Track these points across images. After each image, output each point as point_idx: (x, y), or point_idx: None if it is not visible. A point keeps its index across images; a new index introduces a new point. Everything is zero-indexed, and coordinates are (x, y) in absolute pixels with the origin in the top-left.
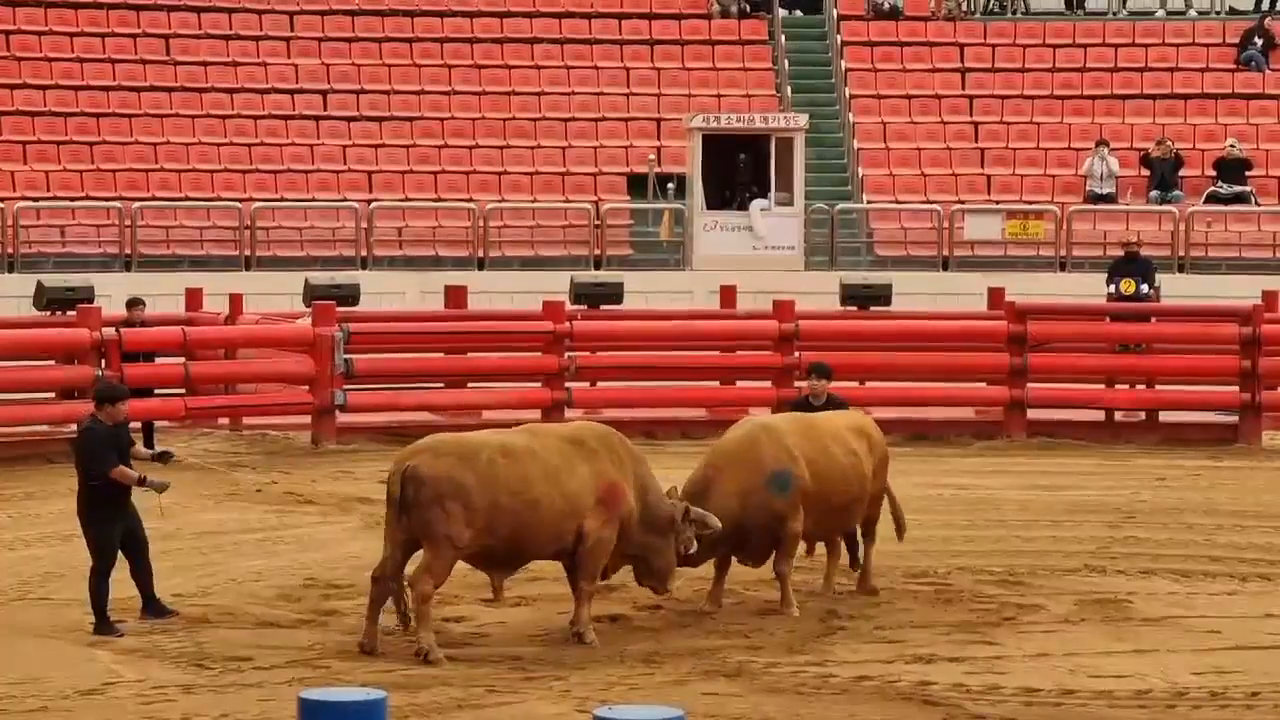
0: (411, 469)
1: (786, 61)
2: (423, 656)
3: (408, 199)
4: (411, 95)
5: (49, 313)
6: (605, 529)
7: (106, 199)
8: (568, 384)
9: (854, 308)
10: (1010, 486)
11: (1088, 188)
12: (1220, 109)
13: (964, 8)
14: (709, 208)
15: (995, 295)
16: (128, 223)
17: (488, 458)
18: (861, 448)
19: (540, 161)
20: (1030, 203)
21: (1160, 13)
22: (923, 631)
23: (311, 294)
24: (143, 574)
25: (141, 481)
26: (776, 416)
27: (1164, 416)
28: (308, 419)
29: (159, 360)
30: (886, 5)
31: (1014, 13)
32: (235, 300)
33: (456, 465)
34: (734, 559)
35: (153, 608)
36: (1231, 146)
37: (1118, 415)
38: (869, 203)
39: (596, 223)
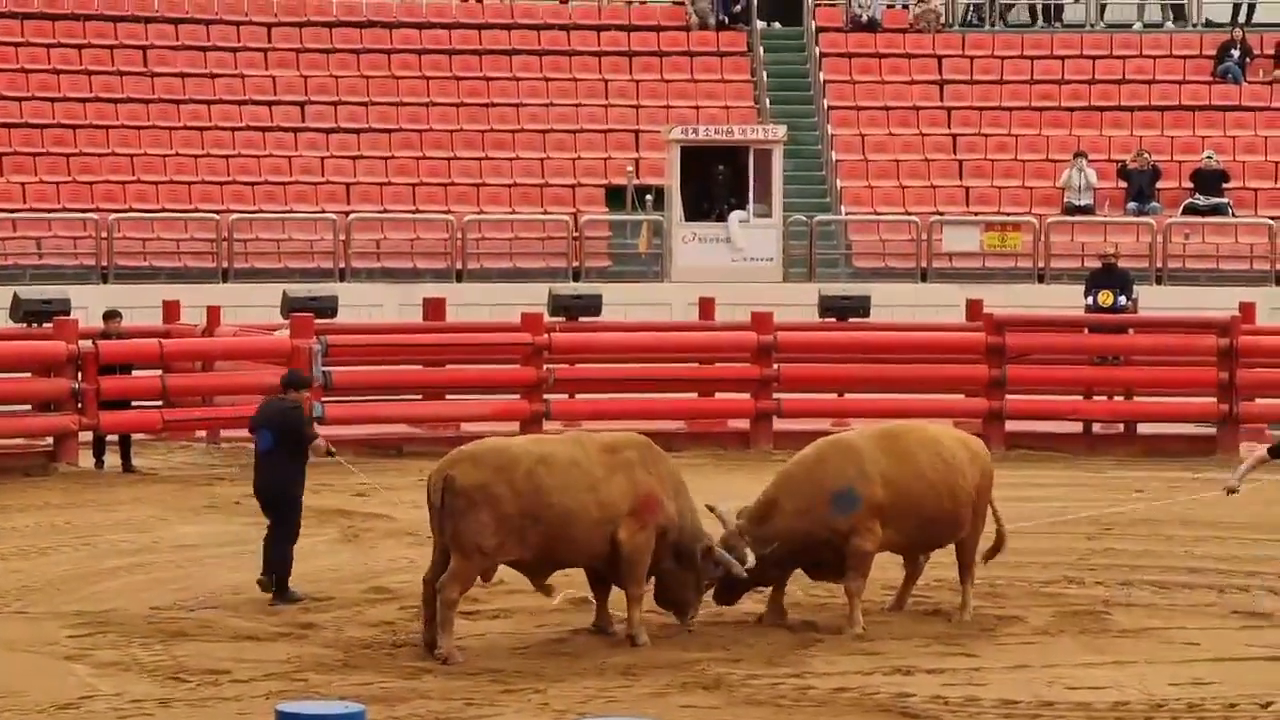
0: (450, 478)
1: (765, 73)
2: (443, 660)
3: (386, 211)
4: (389, 107)
5: (25, 325)
6: (640, 535)
7: (83, 211)
8: (546, 396)
9: (832, 319)
10: None
11: (1065, 199)
12: (1198, 121)
13: (942, 20)
14: (687, 219)
15: (973, 307)
16: (104, 235)
17: (527, 469)
18: (961, 458)
19: (518, 173)
20: (1008, 214)
21: (1138, 25)
22: (901, 643)
23: (289, 306)
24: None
25: (329, 454)
26: (853, 432)
27: (1142, 428)
28: None
29: (136, 373)
30: (865, 17)
31: (992, 25)
32: (213, 312)
33: (493, 475)
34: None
35: (287, 593)
36: (1209, 158)
37: (1096, 427)
38: (847, 214)
39: (575, 235)
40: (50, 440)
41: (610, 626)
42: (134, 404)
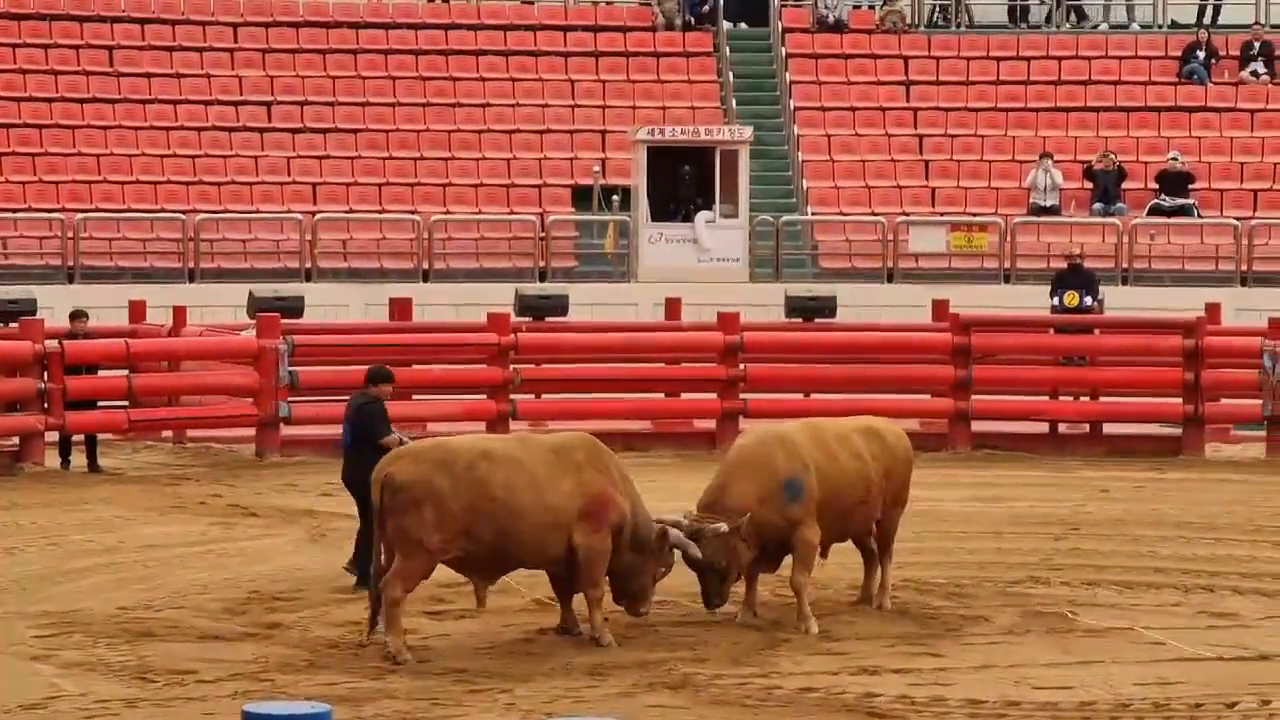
0: (389, 476)
1: (731, 74)
2: (391, 659)
3: (352, 211)
4: (356, 107)
5: None
6: (596, 538)
7: (49, 211)
8: (512, 396)
9: (798, 320)
10: (955, 498)
11: (1031, 200)
12: (1163, 122)
13: (908, 21)
14: (654, 220)
15: (939, 307)
16: (70, 234)
17: (467, 462)
18: (872, 450)
19: (485, 173)
20: (974, 215)
21: (1103, 26)
22: (867, 643)
23: (255, 306)
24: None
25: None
26: (789, 424)
27: (1108, 428)
28: (252, 431)
29: (102, 373)
30: (831, 18)
31: (958, 26)
32: (179, 312)
33: (432, 470)
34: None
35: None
36: (1173, 160)
37: (1062, 427)
38: (813, 215)
39: (541, 235)
40: (16, 440)
41: (576, 628)
42: (100, 404)
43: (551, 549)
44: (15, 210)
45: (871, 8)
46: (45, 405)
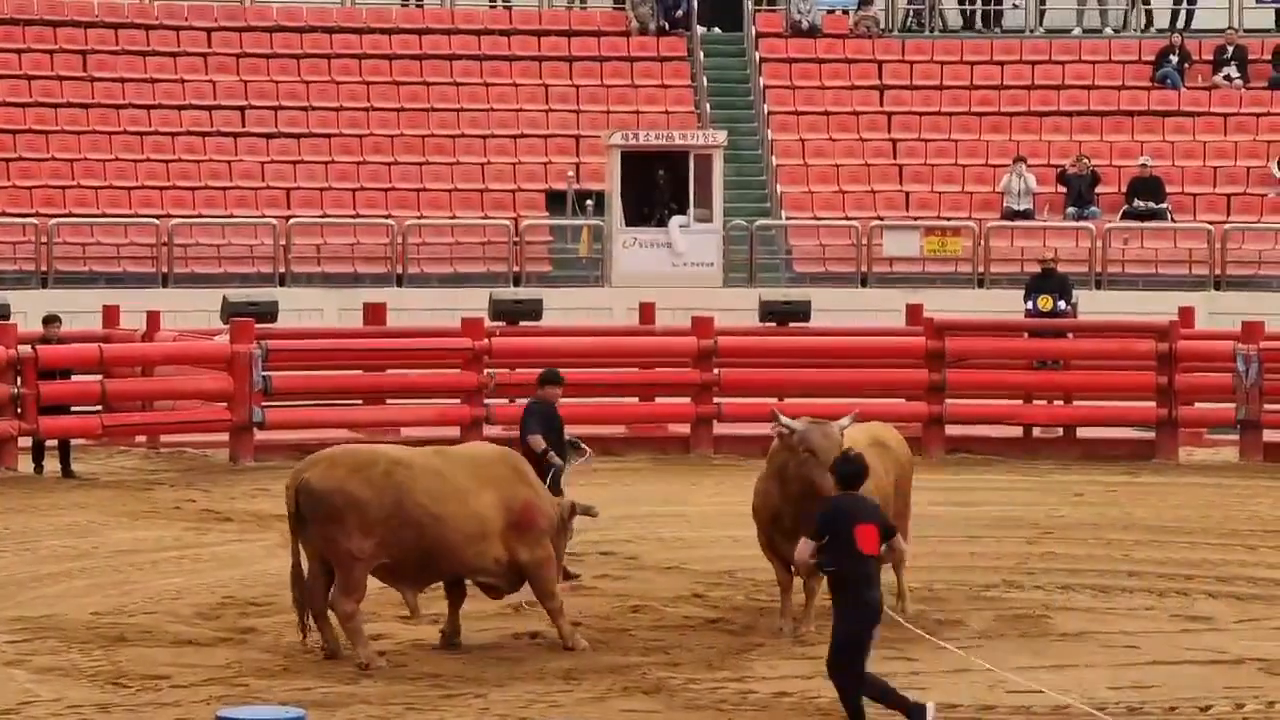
0: (304, 482)
1: (705, 78)
2: (363, 668)
3: (326, 215)
4: (329, 112)
5: None
6: (539, 550)
7: (23, 215)
8: (487, 400)
9: (773, 324)
10: (929, 502)
11: (1005, 204)
12: (1136, 126)
13: (881, 25)
14: (628, 224)
15: (913, 311)
16: (44, 239)
17: (384, 468)
18: (885, 465)
19: (459, 178)
20: (948, 219)
21: (1077, 30)
22: None
23: (229, 311)
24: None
25: (544, 453)
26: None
27: (1082, 432)
28: (226, 436)
29: (75, 378)
30: (805, 23)
31: (931, 30)
32: (152, 317)
33: (349, 477)
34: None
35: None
36: (1143, 165)
37: (1036, 431)
38: (788, 219)
39: (515, 239)
40: None
41: (458, 636)
42: (74, 409)
43: (479, 559)
44: None
45: (845, 12)
46: (18, 410)
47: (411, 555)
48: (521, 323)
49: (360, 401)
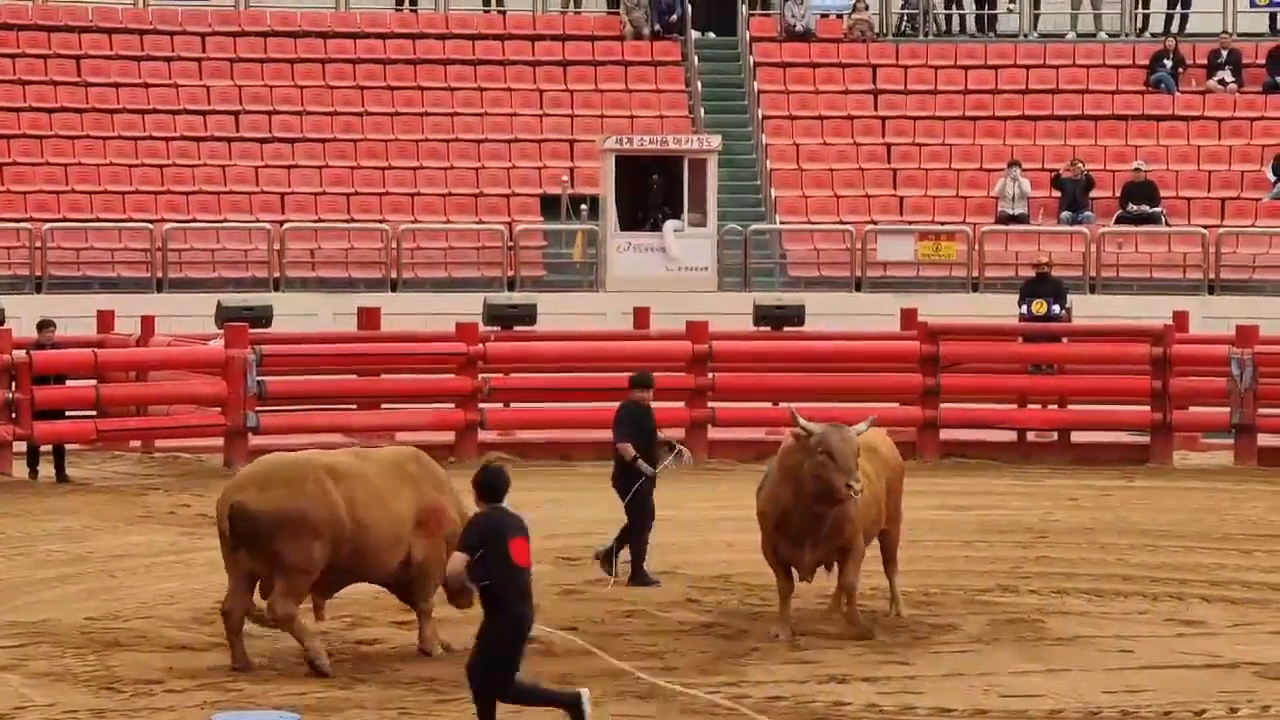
0: (239, 505)
1: (699, 83)
2: (311, 664)
3: (320, 220)
4: (324, 116)
5: None
6: (433, 551)
7: (17, 220)
8: (481, 405)
9: (767, 329)
10: (923, 507)
11: (999, 209)
12: (1130, 130)
13: (875, 30)
14: (622, 229)
15: (908, 316)
16: (38, 244)
17: (315, 479)
18: (870, 469)
19: (453, 183)
20: (942, 223)
21: (1071, 35)
22: (836, 651)
23: (223, 315)
24: (638, 540)
25: (633, 460)
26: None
27: (1076, 436)
28: (220, 441)
29: (70, 383)
30: (799, 27)
31: (926, 34)
32: (147, 322)
33: (285, 495)
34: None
35: (639, 576)
36: (1137, 169)
37: (1030, 435)
38: (782, 224)
39: (510, 244)
40: None
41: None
42: (68, 414)
43: (391, 562)
44: None
45: (839, 16)
46: (13, 416)
47: (344, 561)
48: (516, 327)
49: (355, 406)
